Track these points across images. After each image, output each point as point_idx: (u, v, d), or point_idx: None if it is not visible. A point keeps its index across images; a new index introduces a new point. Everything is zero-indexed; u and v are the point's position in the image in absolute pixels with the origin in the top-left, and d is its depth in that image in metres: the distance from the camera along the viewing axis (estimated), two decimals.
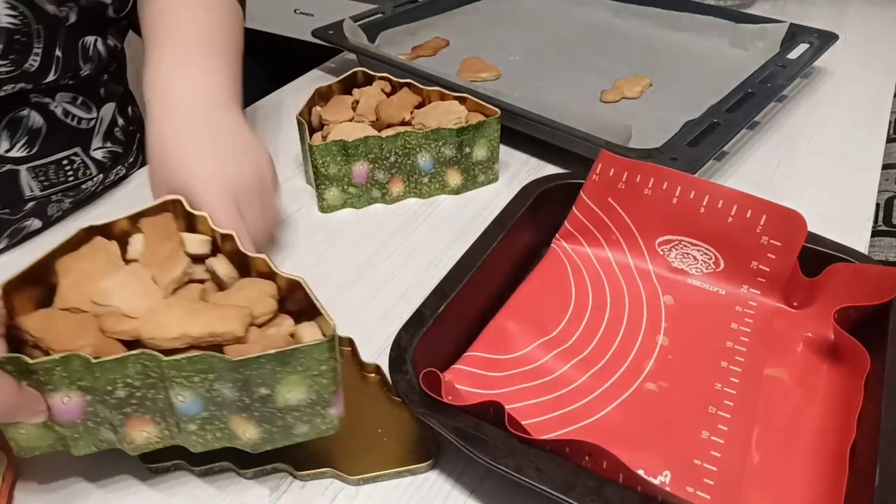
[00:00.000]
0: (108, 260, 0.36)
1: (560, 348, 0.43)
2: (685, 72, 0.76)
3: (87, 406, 0.32)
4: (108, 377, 0.31)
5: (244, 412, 0.32)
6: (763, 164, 0.63)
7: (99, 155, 0.59)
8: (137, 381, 0.31)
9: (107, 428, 0.33)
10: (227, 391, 0.31)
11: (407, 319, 0.39)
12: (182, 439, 0.34)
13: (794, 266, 0.45)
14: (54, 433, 0.33)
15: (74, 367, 0.31)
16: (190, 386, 0.31)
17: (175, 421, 0.33)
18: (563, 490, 0.31)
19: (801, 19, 0.81)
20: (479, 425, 0.34)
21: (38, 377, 0.31)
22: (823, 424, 0.38)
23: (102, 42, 0.57)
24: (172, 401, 0.32)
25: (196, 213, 0.40)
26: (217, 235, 0.39)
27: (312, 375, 0.31)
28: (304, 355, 0.31)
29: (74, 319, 0.33)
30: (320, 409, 0.33)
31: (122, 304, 0.33)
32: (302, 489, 0.37)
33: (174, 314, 0.33)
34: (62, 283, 0.35)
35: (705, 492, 0.35)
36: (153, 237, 0.38)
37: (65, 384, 0.31)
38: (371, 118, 0.59)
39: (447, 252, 0.53)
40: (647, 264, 0.49)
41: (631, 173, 0.48)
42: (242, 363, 0.30)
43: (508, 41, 0.84)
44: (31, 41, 0.49)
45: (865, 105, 0.73)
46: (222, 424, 0.33)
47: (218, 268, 0.37)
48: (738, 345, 0.44)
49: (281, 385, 0.31)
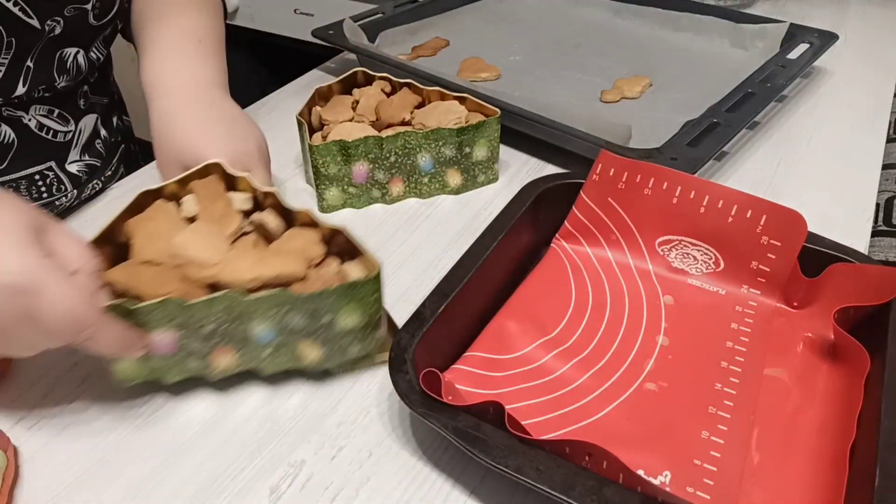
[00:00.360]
0: (170, 218, 0.42)
1: (560, 348, 0.43)
2: (685, 72, 0.76)
3: (179, 341, 0.38)
4: (199, 315, 0.37)
5: (310, 337, 0.39)
6: (763, 164, 0.63)
7: (74, 169, 0.58)
8: (222, 317, 0.37)
9: (194, 358, 0.39)
10: (297, 320, 0.38)
11: (407, 319, 0.39)
12: (256, 363, 0.40)
13: (794, 266, 0.45)
14: (149, 365, 0.39)
15: (170, 308, 0.36)
16: (266, 318, 0.38)
17: (252, 348, 0.39)
18: (563, 490, 0.31)
19: (801, 19, 0.81)
20: (479, 425, 0.34)
21: (138, 319, 0.36)
22: (823, 424, 0.38)
23: (84, 54, 0.56)
24: (251, 332, 0.38)
25: (237, 174, 0.44)
26: (259, 193, 0.44)
27: (365, 304, 0.38)
28: (360, 287, 0.38)
29: (155, 270, 0.39)
30: (369, 332, 0.40)
31: (197, 255, 0.39)
32: (302, 489, 0.37)
33: (246, 261, 0.39)
34: (136, 241, 0.40)
35: (705, 492, 0.35)
36: (205, 197, 0.43)
37: (161, 323, 0.37)
38: (371, 118, 0.59)
39: (447, 252, 0.53)
40: (647, 264, 0.49)
41: (631, 173, 0.48)
42: (313, 296, 0.37)
43: (508, 41, 0.84)
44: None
45: (865, 105, 0.73)
46: (291, 349, 0.40)
47: (268, 220, 0.42)
48: (738, 345, 0.44)
49: (341, 313, 0.38)
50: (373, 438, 0.39)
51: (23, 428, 0.40)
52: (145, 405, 0.41)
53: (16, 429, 0.40)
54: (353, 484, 0.37)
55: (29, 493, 0.37)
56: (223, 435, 0.40)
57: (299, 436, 0.40)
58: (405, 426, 0.40)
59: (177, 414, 0.41)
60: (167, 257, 0.39)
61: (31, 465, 0.38)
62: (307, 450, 0.39)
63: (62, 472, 0.38)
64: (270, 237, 0.42)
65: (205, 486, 0.37)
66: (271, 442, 0.39)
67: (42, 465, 0.38)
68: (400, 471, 0.38)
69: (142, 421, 0.40)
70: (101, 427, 0.40)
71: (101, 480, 0.37)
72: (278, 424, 0.40)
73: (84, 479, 0.37)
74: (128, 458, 0.38)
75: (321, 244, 0.42)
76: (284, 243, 0.41)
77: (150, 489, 0.37)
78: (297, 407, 0.41)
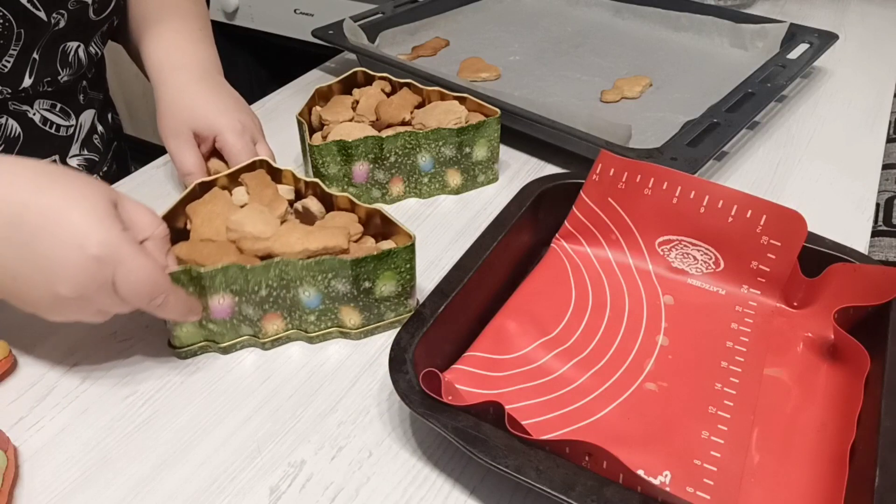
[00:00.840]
0: (226, 202, 0.46)
1: (560, 348, 0.43)
2: (685, 72, 0.76)
3: (234, 306, 0.42)
4: (255, 279, 0.41)
5: (352, 303, 0.43)
6: (763, 164, 0.63)
7: (75, 163, 0.59)
8: (274, 283, 0.42)
9: (246, 325, 0.44)
10: (340, 286, 0.43)
11: (407, 319, 0.39)
12: (302, 328, 0.44)
13: (794, 266, 0.45)
14: (206, 331, 0.43)
15: (231, 273, 0.41)
16: (314, 284, 0.42)
17: (299, 314, 0.44)
18: (563, 490, 0.31)
19: (801, 19, 0.81)
20: (479, 425, 0.34)
21: (203, 283, 0.41)
22: (823, 424, 0.38)
23: (84, 49, 0.58)
24: (300, 297, 0.43)
25: (281, 168, 0.50)
26: (300, 184, 0.49)
27: (400, 272, 0.43)
28: (397, 255, 0.42)
29: (214, 245, 0.43)
30: (403, 299, 0.45)
31: (252, 229, 0.43)
32: (302, 489, 0.37)
33: (295, 234, 0.43)
34: (195, 221, 0.45)
35: (705, 492, 0.35)
36: (255, 187, 0.48)
37: (221, 288, 0.41)
38: (371, 118, 0.59)
39: (447, 252, 0.53)
40: (647, 264, 0.49)
41: (631, 173, 0.48)
42: (356, 261, 0.41)
43: (508, 41, 0.84)
44: (8, 44, 0.50)
45: (865, 105, 0.73)
46: (334, 314, 0.44)
47: (311, 205, 0.47)
48: (738, 345, 0.44)
49: (379, 280, 0.43)
50: (373, 438, 0.39)
51: (23, 428, 0.40)
52: (145, 405, 0.41)
53: (16, 429, 0.40)
54: (353, 484, 0.37)
55: (29, 493, 0.37)
56: (223, 435, 0.40)
57: (299, 436, 0.40)
58: (405, 426, 0.40)
59: (176, 414, 0.41)
60: (224, 234, 0.44)
61: (31, 465, 0.38)
62: (307, 450, 0.39)
63: (62, 472, 0.38)
64: (313, 219, 0.47)
65: (205, 486, 0.37)
66: (271, 442, 0.39)
67: (42, 465, 0.38)
68: (400, 471, 0.38)
69: (141, 421, 0.40)
70: (101, 427, 0.40)
71: (101, 480, 0.37)
72: (278, 424, 0.40)
73: (84, 479, 0.37)
74: (128, 458, 0.38)
75: (359, 224, 0.46)
76: (328, 221, 0.46)
77: (150, 489, 0.37)
78: (297, 406, 0.41)
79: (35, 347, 0.45)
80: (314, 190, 0.48)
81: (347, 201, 0.47)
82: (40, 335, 0.45)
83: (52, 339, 0.45)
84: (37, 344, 0.45)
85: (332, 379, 0.43)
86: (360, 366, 0.44)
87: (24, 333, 0.45)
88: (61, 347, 0.45)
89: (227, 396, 0.42)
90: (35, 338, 0.45)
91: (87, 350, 0.45)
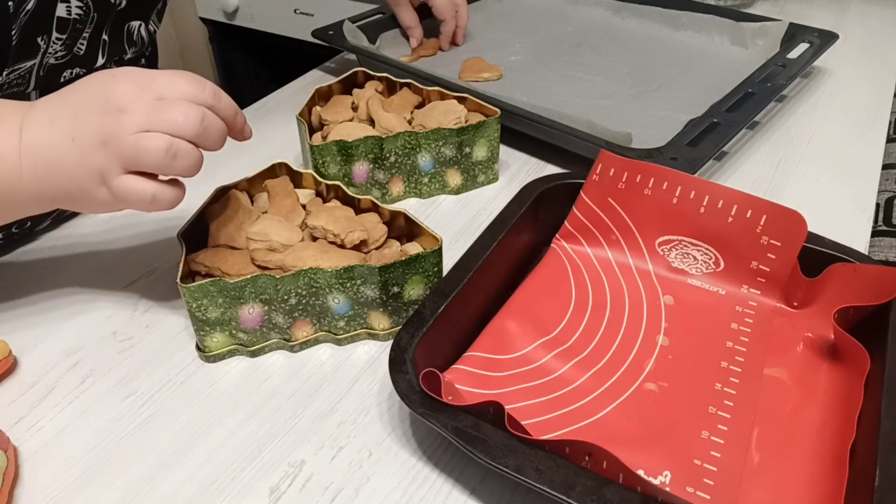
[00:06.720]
0: (239, 207, 0.47)
1: (560, 348, 0.43)
2: (685, 71, 0.76)
3: (264, 315, 0.43)
4: (285, 289, 0.42)
5: (381, 308, 0.44)
6: (763, 164, 0.63)
7: None
8: (304, 291, 0.42)
9: (276, 332, 0.44)
10: (370, 292, 0.43)
11: (407, 319, 0.39)
12: (332, 332, 0.45)
13: (794, 266, 0.45)
14: (237, 339, 0.44)
15: (261, 283, 0.41)
16: (343, 290, 0.42)
17: (328, 320, 0.44)
18: (563, 490, 0.31)
19: (801, 19, 0.81)
20: (479, 425, 0.34)
21: (233, 293, 0.41)
22: (823, 424, 0.38)
23: (144, 27, 0.60)
24: (329, 304, 0.43)
25: (302, 171, 0.50)
26: (322, 187, 0.49)
27: (428, 275, 0.43)
28: (425, 260, 0.43)
29: (238, 254, 0.44)
30: None
31: (277, 238, 0.44)
32: (302, 489, 0.37)
33: (310, 252, 0.43)
34: (210, 226, 0.46)
35: (705, 492, 0.35)
36: (276, 195, 0.48)
37: (251, 298, 0.42)
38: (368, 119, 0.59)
39: (447, 252, 0.53)
40: (647, 264, 0.49)
41: (631, 173, 0.48)
42: (384, 268, 0.41)
43: (509, 41, 0.84)
44: (83, 27, 0.52)
45: (865, 105, 0.73)
46: (363, 318, 0.44)
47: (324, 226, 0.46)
48: (738, 345, 0.44)
49: (408, 284, 0.43)
50: (373, 438, 0.39)
51: (23, 428, 0.40)
52: (145, 406, 0.41)
53: (16, 429, 0.40)
54: (353, 484, 0.37)
55: (29, 493, 0.37)
56: (223, 435, 0.40)
57: (299, 436, 0.40)
58: (405, 426, 0.40)
59: (176, 414, 0.41)
60: (236, 239, 0.45)
61: (31, 465, 0.38)
62: (307, 450, 0.39)
63: (62, 472, 0.38)
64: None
65: (205, 485, 0.37)
66: (271, 442, 0.39)
67: (42, 465, 0.38)
68: (400, 471, 0.38)
69: (141, 421, 0.40)
70: (101, 427, 0.40)
71: (101, 480, 0.37)
72: (278, 424, 0.40)
73: (84, 479, 0.37)
74: (128, 458, 0.38)
75: (383, 225, 0.47)
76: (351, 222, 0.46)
77: (151, 489, 0.37)
78: (297, 407, 0.41)
79: (35, 347, 0.45)
80: (336, 192, 0.48)
81: (370, 203, 0.47)
82: (40, 335, 0.45)
83: (52, 339, 0.45)
84: (37, 344, 0.45)
85: (332, 379, 0.43)
86: (360, 366, 0.44)
87: (24, 333, 0.45)
88: (61, 347, 0.45)
89: (226, 396, 0.42)
90: (35, 338, 0.45)
91: (87, 350, 0.45)
